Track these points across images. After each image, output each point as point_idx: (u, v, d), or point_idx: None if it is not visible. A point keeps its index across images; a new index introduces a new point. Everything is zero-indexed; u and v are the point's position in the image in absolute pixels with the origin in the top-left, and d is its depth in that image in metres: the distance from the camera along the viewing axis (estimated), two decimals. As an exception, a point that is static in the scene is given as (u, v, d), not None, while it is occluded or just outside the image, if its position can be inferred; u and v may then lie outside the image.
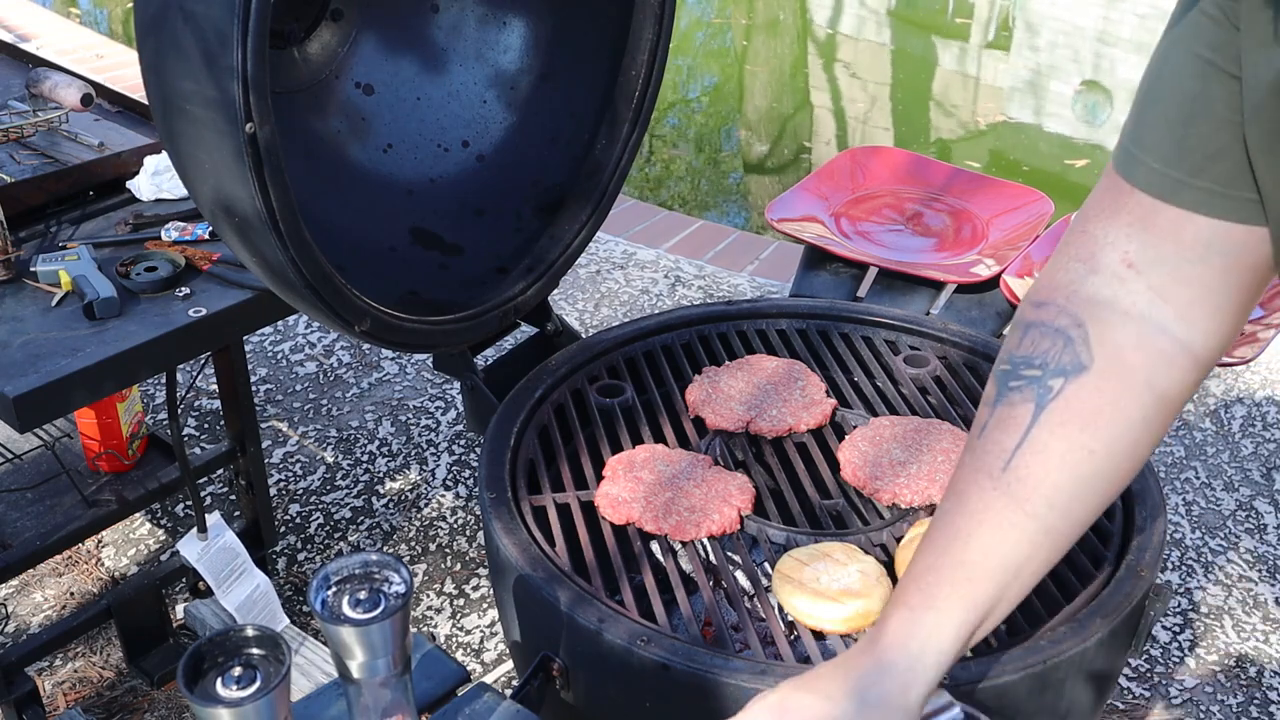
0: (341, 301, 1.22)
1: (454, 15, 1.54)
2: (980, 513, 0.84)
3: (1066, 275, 0.85)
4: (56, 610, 2.12)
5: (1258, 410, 2.69)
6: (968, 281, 1.64)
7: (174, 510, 2.36)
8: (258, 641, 0.80)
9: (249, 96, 1.03)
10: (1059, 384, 0.83)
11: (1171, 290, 0.81)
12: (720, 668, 1.05)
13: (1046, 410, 0.83)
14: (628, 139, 1.55)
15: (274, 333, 2.90)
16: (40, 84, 1.86)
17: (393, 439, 2.56)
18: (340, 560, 0.89)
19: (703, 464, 1.32)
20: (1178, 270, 0.80)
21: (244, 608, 1.90)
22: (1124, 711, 1.96)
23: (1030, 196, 1.82)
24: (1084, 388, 0.82)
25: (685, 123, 5.23)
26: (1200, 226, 0.78)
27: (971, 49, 6.22)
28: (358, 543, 2.29)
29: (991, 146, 5.03)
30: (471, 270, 1.51)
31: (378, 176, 1.51)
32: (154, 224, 1.67)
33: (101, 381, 1.40)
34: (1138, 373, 0.82)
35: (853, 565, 1.17)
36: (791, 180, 4.48)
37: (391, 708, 0.90)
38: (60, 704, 1.95)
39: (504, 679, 2.01)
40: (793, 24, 6.55)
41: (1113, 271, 0.82)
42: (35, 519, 1.83)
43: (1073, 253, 0.85)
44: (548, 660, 1.15)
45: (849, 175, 1.90)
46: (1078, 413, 0.82)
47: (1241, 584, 2.22)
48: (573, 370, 1.49)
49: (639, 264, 3.23)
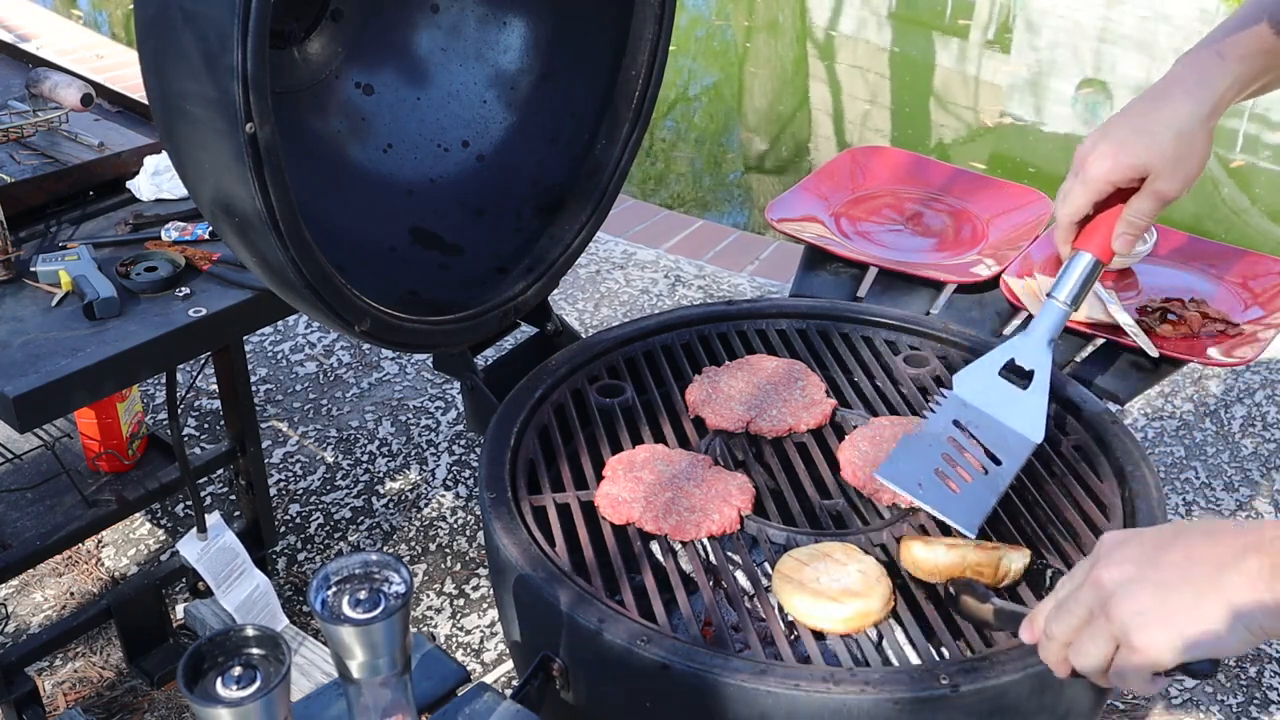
0: (341, 301, 1.22)
1: (454, 15, 1.54)
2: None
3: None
4: (56, 610, 2.12)
5: (1258, 410, 2.69)
6: (968, 281, 1.64)
7: (174, 510, 2.36)
8: (258, 641, 0.80)
9: (249, 96, 1.03)
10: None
11: None
12: (720, 668, 1.05)
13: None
14: (628, 139, 1.55)
15: (274, 333, 2.90)
16: (40, 84, 1.86)
17: (393, 439, 2.56)
18: (340, 560, 0.89)
19: (703, 464, 1.32)
20: None
21: (243, 608, 1.90)
22: (1124, 711, 1.96)
23: (1030, 197, 1.82)
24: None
25: (685, 123, 5.23)
26: None
27: (972, 48, 6.22)
28: (358, 543, 2.29)
29: (992, 146, 5.03)
30: (471, 270, 1.51)
31: (378, 176, 1.51)
32: (154, 224, 1.67)
33: (101, 381, 1.40)
34: None
35: (853, 565, 1.17)
36: (791, 180, 4.47)
37: (391, 708, 0.90)
38: (60, 704, 1.95)
39: (504, 679, 2.01)
40: (792, 24, 6.55)
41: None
42: (35, 519, 1.83)
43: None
44: (548, 660, 1.15)
45: (849, 175, 1.90)
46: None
47: (1241, 584, 2.22)
48: (573, 370, 1.49)
49: (639, 264, 3.23)
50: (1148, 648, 0.87)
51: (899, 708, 1.03)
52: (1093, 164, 1.23)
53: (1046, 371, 1.31)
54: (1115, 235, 1.26)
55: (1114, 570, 0.89)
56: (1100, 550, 0.93)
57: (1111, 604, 0.89)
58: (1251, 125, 5.30)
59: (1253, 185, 4.72)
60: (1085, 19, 6.45)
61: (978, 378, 1.33)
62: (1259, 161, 4.96)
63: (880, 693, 1.02)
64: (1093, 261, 1.29)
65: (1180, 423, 2.66)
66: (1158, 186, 1.22)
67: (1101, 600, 0.90)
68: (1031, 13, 6.70)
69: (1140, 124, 1.21)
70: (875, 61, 6.04)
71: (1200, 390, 2.76)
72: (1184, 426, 2.64)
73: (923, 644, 1.12)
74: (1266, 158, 5.00)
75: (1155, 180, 1.21)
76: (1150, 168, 1.21)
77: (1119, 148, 1.22)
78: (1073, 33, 6.36)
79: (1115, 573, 0.89)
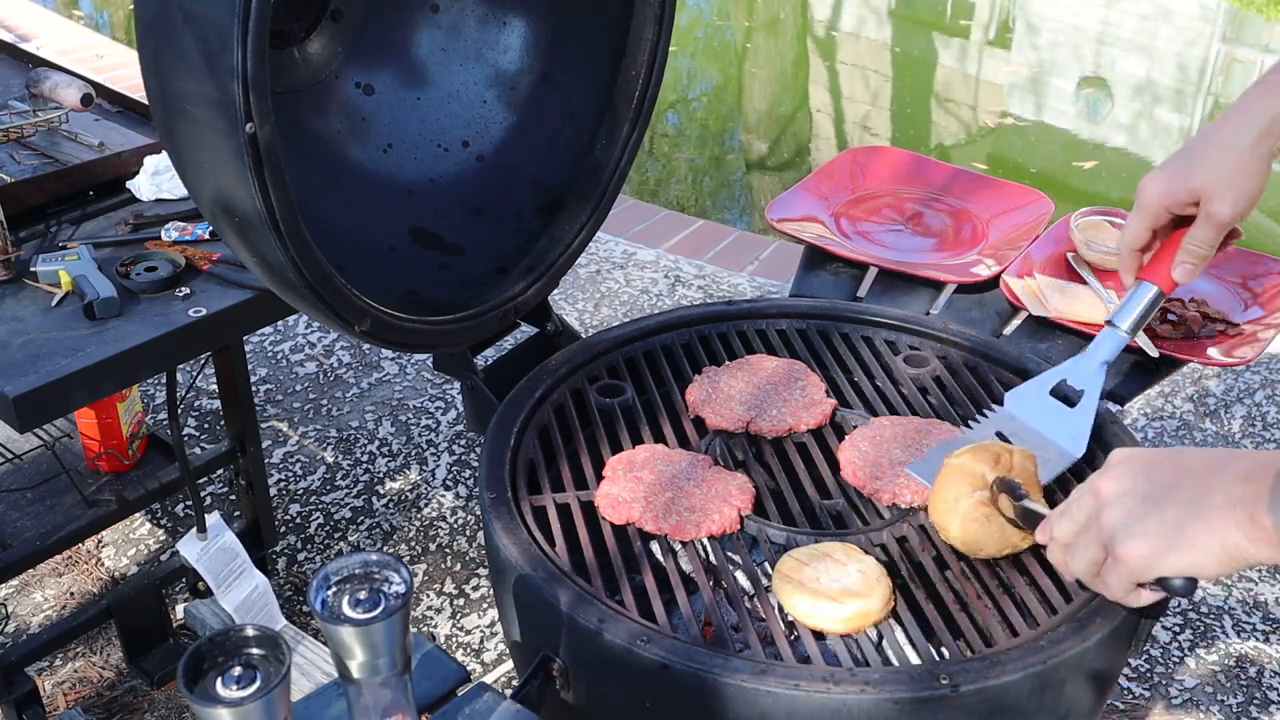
0: (341, 301, 1.22)
1: (454, 15, 1.54)
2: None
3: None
4: (56, 610, 2.12)
5: (1258, 410, 2.69)
6: (968, 281, 1.64)
7: (174, 510, 2.36)
8: (258, 641, 0.80)
9: (249, 96, 1.03)
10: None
11: None
12: (720, 668, 1.05)
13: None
14: (628, 139, 1.55)
15: (274, 333, 2.90)
16: (40, 84, 1.86)
17: (393, 439, 2.56)
18: (340, 560, 0.89)
19: (703, 464, 1.32)
20: None
21: (242, 608, 1.90)
22: (1124, 711, 1.96)
23: (1030, 197, 1.82)
24: None
25: (686, 123, 5.23)
26: None
27: (972, 48, 6.22)
28: (358, 543, 2.29)
29: (992, 146, 5.03)
30: (471, 270, 1.51)
31: (378, 176, 1.51)
32: (154, 224, 1.67)
33: (101, 381, 1.40)
34: None
35: (853, 565, 1.17)
36: (791, 180, 4.48)
37: (391, 708, 0.90)
38: (60, 704, 1.95)
39: (504, 679, 2.01)
40: (793, 24, 6.55)
41: None
42: (35, 519, 1.83)
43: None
44: (548, 660, 1.15)
45: (849, 175, 1.90)
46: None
47: (1241, 584, 2.22)
48: (573, 370, 1.49)
49: (639, 264, 3.23)
50: (1129, 558, 0.93)
51: (899, 708, 1.03)
52: (1147, 191, 1.27)
53: (1096, 393, 1.33)
54: (1175, 264, 1.29)
55: (1111, 482, 0.95)
56: (1108, 463, 0.98)
57: (1103, 513, 0.95)
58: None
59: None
60: (1085, 19, 6.45)
61: (1028, 395, 1.36)
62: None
63: (880, 693, 1.02)
64: (1155, 292, 1.31)
65: (1180, 423, 2.66)
66: (1211, 209, 1.23)
67: (1097, 509, 0.96)
68: (1031, 13, 6.70)
69: (1191, 150, 1.25)
70: (876, 61, 6.04)
71: (1200, 390, 2.76)
72: (1184, 426, 2.64)
73: (923, 644, 1.12)
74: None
75: (1208, 203, 1.23)
76: (1202, 191, 1.23)
77: (1171, 173, 1.25)
78: (1073, 33, 6.36)
79: (1112, 485, 0.95)
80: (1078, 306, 1.56)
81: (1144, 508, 0.92)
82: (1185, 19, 6.45)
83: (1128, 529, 0.93)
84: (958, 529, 1.18)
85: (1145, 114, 5.41)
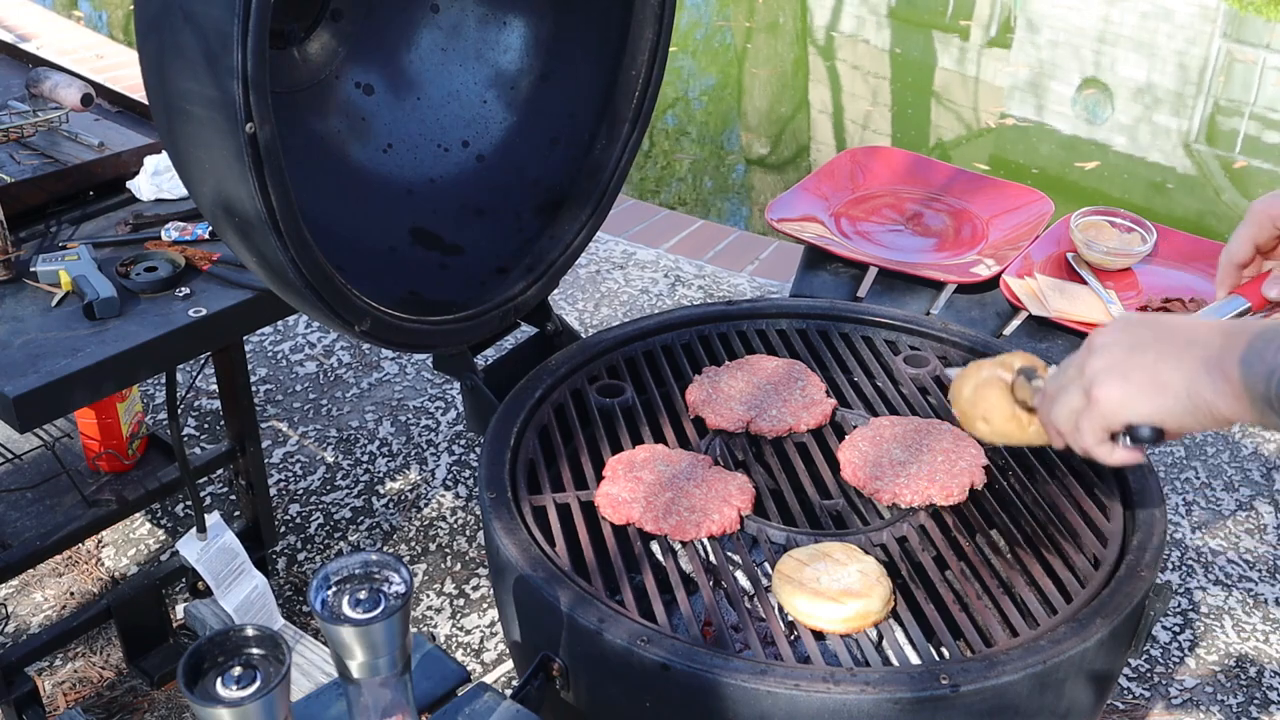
0: (341, 301, 1.22)
1: (454, 15, 1.54)
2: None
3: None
4: (56, 610, 2.12)
5: (1258, 410, 2.69)
6: (968, 281, 1.64)
7: (174, 510, 2.36)
8: (258, 641, 0.80)
9: (249, 96, 1.03)
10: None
11: None
12: (720, 668, 1.05)
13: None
14: (628, 139, 1.55)
15: (274, 333, 2.90)
16: (40, 84, 1.86)
17: (393, 439, 2.56)
18: (340, 560, 0.89)
19: (703, 464, 1.32)
20: None
21: (242, 608, 1.90)
22: (1124, 711, 1.96)
23: (1030, 196, 1.82)
24: None
25: (686, 122, 5.23)
26: None
27: (972, 48, 6.22)
28: (358, 543, 2.29)
29: (992, 146, 5.03)
30: (471, 270, 1.51)
31: (378, 176, 1.51)
32: (154, 224, 1.67)
33: (101, 381, 1.40)
34: None
35: (853, 565, 1.17)
36: (792, 180, 4.48)
37: (391, 708, 0.90)
38: (60, 704, 1.95)
39: (504, 679, 2.01)
40: (792, 24, 6.55)
41: None
42: (35, 519, 1.83)
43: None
44: (548, 660, 1.15)
45: (849, 175, 1.90)
46: None
47: (1241, 584, 2.22)
48: (573, 370, 1.49)
49: (639, 264, 3.23)
50: (1103, 400, 0.94)
51: (899, 708, 1.03)
52: (1257, 204, 1.22)
53: None
54: (1270, 279, 1.25)
55: (1103, 335, 0.98)
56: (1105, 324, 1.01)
57: (1089, 361, 0.97)
58: (1252, 125, 5.30)
59: (1253, 185, 4.72)
60: (1086, 20, 6.45)
61: None
62: (1260, 163, 4.95)
63: (880, 693, 1.02)
64: (1245, 306, 1.27)
65: (1180, 423, 2.65)
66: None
67: (1086, 358, 0.98)
68: (1032, 13, 6.70)
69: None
70: (876, 61, 6.04)
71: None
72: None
73: (923, 644, 1.12)
74: (1267, 158, 5.00)
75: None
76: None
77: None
78: (1073, 33, 6.36)
79: (1104, 336, 0.98)
80: (1078, 306, 1.56)
81: (1126, 354, 0.94)
82: (1185, 17, 6.45)
83: (1108, 371, 0.94)
84: (970, 390, 1.16)
85: (1145, 115, 5.42)
